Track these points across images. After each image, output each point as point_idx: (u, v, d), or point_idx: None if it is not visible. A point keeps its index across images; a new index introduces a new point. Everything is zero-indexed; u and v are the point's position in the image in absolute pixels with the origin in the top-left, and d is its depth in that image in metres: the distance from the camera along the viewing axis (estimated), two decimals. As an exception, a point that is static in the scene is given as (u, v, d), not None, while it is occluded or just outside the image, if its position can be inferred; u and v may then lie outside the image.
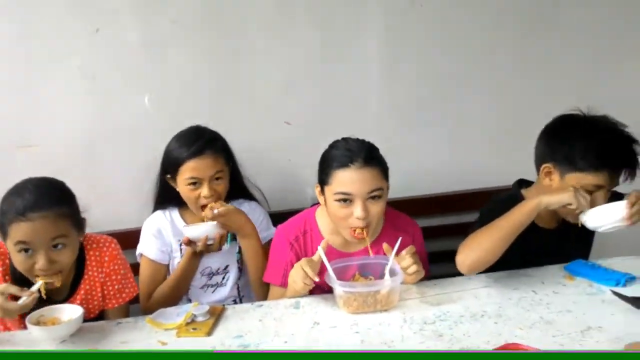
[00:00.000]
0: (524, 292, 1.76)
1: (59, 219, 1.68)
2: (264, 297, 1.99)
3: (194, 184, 2.01)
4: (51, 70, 2.26)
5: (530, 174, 1.98)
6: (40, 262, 1.65)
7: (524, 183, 2.00)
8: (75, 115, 2.31)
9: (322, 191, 1.87)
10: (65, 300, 1.80)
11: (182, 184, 2.02)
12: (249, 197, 2.23)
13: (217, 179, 2.03)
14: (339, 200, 1.79)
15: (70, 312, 1.68)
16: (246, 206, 2.17)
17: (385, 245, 1.81)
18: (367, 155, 1.79)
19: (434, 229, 2.48)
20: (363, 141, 1.85)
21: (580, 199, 1.71)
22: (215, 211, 1.95)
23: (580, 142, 1.79)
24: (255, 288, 2.08)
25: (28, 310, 1.63)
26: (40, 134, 2.27)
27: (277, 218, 2.21)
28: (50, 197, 1.69)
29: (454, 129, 2.55)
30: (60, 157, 2.23)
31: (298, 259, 1.84)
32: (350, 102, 2.48)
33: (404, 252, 1.76)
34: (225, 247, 2.11)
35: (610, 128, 1.81)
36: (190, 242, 1.99)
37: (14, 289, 1.60)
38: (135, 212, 2.28)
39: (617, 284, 1.74)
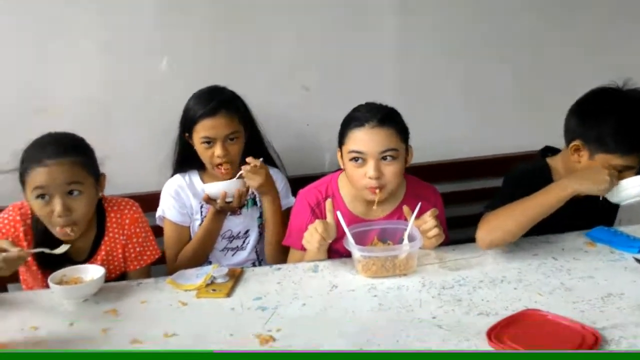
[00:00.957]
0: (544, 258, 1.74)
1: (75, 166, 1.71)
2: (276, 261, 2.01)
3: (207, 142, 2.01)
4: (68, 34, 2.25)
5: (552, 139, 1.94)
6: (57, 208, 1.67)
7: (549, 151, 1.96)
8: (91, 79, 2.31)
9: (341, 153, 1.88)
10: (85, 261, 1.82)
11: (197, 142, 2.04)
12: (271, 162, 2.22)
13: (231, 139, 2.02)
14: (352, 160, 1.81)
15: (92, 272, 1.71)
16: (271, 173, 2.17)
17: (405, 208, 1.81)
18: (384, 116, 1.80)
19: (453, 195, 2.47)
20: (385, 105, 1.85)
21: (613, 185, 1.69)
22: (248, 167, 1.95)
23: (612, 124, 1.74)
24: (268, 250, 2.09)
25: (17, 266, 1.62)
26: (57, 98, 2.28)
27: (294, 183, 2.22)
28: (67, 146, 1.73)
29: (473, 93, 2.52)
30: (77, 121, 2.20)
31: None
32: (369, 67, 2.45)
33: (426, 215, 1.75)
34: (246, 210, 2.12)
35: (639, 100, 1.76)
36: (209, 200, 1.99)
37: (6, 244, 1.57)
38: (153, 175, 2.29)
39: (639, 251, 1.71)
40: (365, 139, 1.78)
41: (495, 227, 1.74)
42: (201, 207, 2.13)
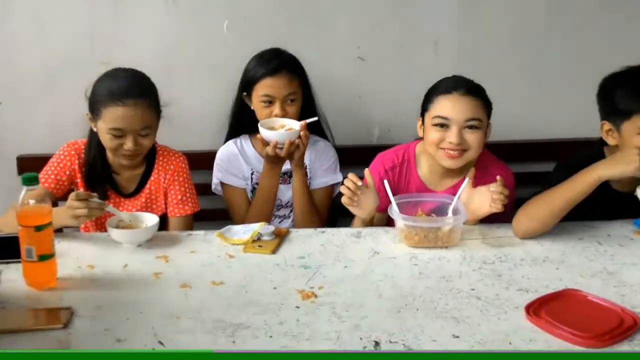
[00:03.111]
0: (589, 242, 1.74)
1: (148, 109, 1.86)
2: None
3: (267, 102, 2.06)
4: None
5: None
6: (129, 144, 1.84)
7: None
8: (155, 37, 2.39)
9: (423, 121, 1.92)
10: (131, 195, 1.98)
11: (256, 101, 2.09)
12: (322, 132, 2.26)
13: (290, 100, 2.07)
14: (436, 125, 1.85)
15: (147, 219, 1.80)
16: (321, 144, 2.21)
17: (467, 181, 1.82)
18: (471, 87, 1.87)
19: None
20: (472, 80, 1.90)
21: None
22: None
23: (620, 87, 1.74)
24: (299, 219, 2.12)
25: (95, 215, 1.74)
26: (122, 53, 2.35)
27: (340, 152, 2.24)
28: (143, 87, 1.88)
29: (535, 73, 2.49)
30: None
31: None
32: (427, 42, 2.45)
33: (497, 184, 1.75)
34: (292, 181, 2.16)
35: None
36: (263, 144, 2.01)
37: (85, 195, 1.70)
38: (206, 135, 2.37)
39: (687, 243, 1.69)
40: (452, 105, 1.84)
41: (528, 216, 1.75)
42: (252, 173, 2.19)
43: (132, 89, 1.84)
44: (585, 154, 1.89)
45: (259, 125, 2.01)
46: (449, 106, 1.84)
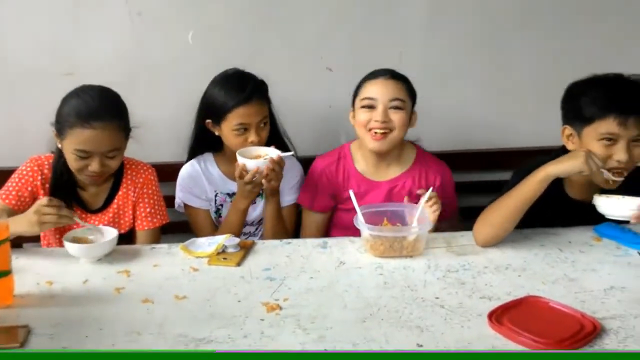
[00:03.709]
0: (550, 249, 1.77)
1: (117, 131, 1.81)
2: None
3: (241, 129, 2.01)
4: (98, 2, 2.31)
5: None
6: (94, 166, 1.80)
7: None
8: (119, 47, 2.36)
9: (353, 108, 2.05)
10: (98, 210, 1.94)
11: (227, 130, 2.03)
12: (286, 148, 2.24)
13: (263, 124, 2.05)
14: (364, 107, 1.98)
15: (105, 233, 1.76)
16: (289, 163, 2.18)
17: (420, 191, 1.90)
18: (396, 73, 2.01)
19: (470, 185, 2.49)
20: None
21: (592, 164, 1.67)
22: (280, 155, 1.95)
23: (585, 94, 1.78)
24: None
25: (63, 225, 1.71)
26: (84, 63, 2.33)
27: (308, 162, 2.24)
28: (112, 108, 1.83)
29: (498, 82, 2.53)
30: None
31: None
32: (393, 51, 2.46)
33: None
34: (260, 199, 2.15)
35: (618, 76, 1.78)
36: (242, 174, 1.94)
37: (56, 201, 1.66)
38: (170, 147, 2.34)
39: (645, 248, 1.73)
40: (378, 88, 1.99)
41: (485, 223, 1.78)
42: (215, 195, 2.17)
43: (100, 110, 1.78)
44: (544, 160, 1.93)
45: (237, 154, 1.94)
46: (375, 88, 1.98)
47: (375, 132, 1.97)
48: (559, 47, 2.50)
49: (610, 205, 1.74)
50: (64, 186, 1.90)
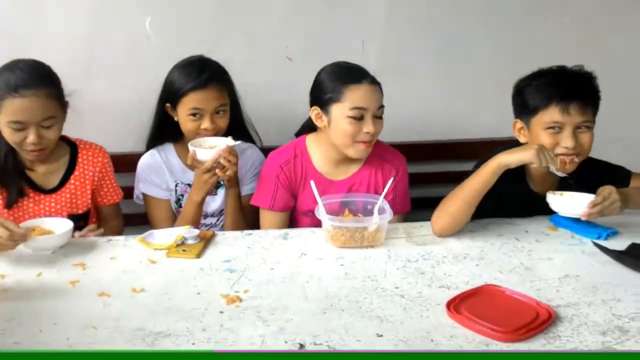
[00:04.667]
0: (508, 238, 1.80)
1: (49, 99, 1.80)
2: None
3: (195, 115, 1.99)
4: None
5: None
6: (31, 137, 1.78)
7: None
8: (76, 31, 2.30)
9: (326, 111, 1.89)
10: (54, 190, 1.93)
11: (183, 114, 2.01)
12: (248, 137, 2.22)
13: (219, 112, 2.01)
14: (353, 117, 1.85)
15: (60, 225, 1.72)
16: (249, 151, 2.17)
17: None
18: (369, 73, 1.90)
19: (427, 176, 2.51)
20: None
21: (542, 157, 1.70)
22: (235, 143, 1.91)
23: (529, 85, 1.83)
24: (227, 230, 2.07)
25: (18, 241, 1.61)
26: (41, 47, 2.25)
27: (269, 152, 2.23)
28: (40, 77, 1.81)
29: (455, 75, 2.55)
30: (59, 70, 2.22)
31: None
32: (353, 41, 2.46)
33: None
34: (220, 190, 2.13)
35: (560, 67, 1.83)
36: (194, 164, 1.92)
37: (11, 225, 1.59)
38: (127, 137, 2.30)
39: (598, 237, 1.77)
40: (367, 95, 1.86)
41: (443, 212, 1.79)
42: (176, 185, 2.14)
43: (29, 79, 1.77)
44: (503, 149, 1.96)
45: (189, 144, 1.91)
46: (364, 96, 1.85)
47: (363, 142, 1.88)
48: (518, 39, 2.54)
49: (562, 204, 1.80)
50: (9, 168, 1.86)
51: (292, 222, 2.07)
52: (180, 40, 2.30)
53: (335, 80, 1.89)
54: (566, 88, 1.77)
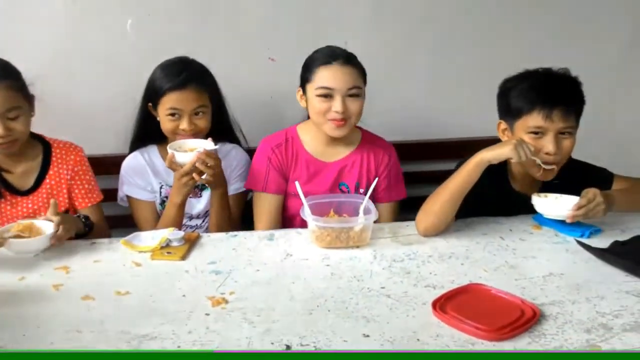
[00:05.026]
0: (492, 237, 1.80)
1: (10, 91, 1.81)
2: None
3: (173, 114, 1.99)
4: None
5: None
6: None
7: None
8: (54, 34, 2.28)
9: (304, 92, 1.98)
10: (29, 191, 1.92)
11: (162, 114, 2.01)
12: (234, 139, 2.22)
13: (198, 113, 2.01)
14: (320, 96, 1.92)
15: (43, 227, 1.70)
16: (233, 152, 2.17)
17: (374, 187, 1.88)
18: (348, 56, 1.96)
19: (411, 175, 2.51)
20: (345, 49, 2.00)
21: (521, 152, 1.71)
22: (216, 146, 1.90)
23: (514, 88, 1.84)
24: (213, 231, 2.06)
25: None
26: (18, 50, 2.21)
27: (252, 153, 2.22)
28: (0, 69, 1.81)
29: (443, 73, 2.56)
30: (37, 74, 2.20)
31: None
32: (334, 40, 2.45)
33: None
34: (206, 192, 2.12)
35: (546, 70, 1.84)
36: (172, 166, 1.89)
37: None
38: (110, 139, 2.28)
39: (581, 235, 1.79)
40: (334, 76, 1.91)
41: (427, 211, 1.80)
42: (161, 187, 2.13)
43: None
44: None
45: (168, 147, 1.89)
46: (332, 77, 1.91)
47: (335, 120, 1.93)
48: (502, 38, 2.56)
49: (547, 206, 1.81)
50: None
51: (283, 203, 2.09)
52: (161, 41, 2.28)
53: (311, 62, 1.98)
54: (550, 94, 1.78)
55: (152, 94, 2.03)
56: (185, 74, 1.98)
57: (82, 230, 1.82)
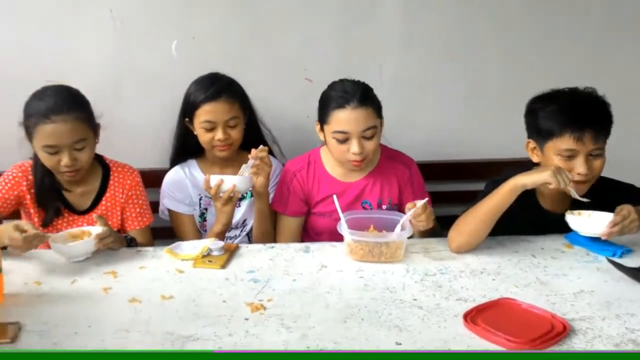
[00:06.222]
0: (524, 255, 1.84)
1: (78, 122, 1.87)
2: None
3: (208, 127, 2.09)
4: (83, 11, 2.36)
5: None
6: (65, 160, 1.85)
7: None
8: (104, 55, 2.41)
9: (322, 129, 2.04)
10: (86, 212, 1.99)
11: (198, 127, 2.11)
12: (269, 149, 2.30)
13: (232, 124, 2.10)
14: (336, 139, 1.97)
15: (93, 232, 1.79)
16: (274, 163, 2.25)
17: (408, 205, 1.89)
18: (362, 96, 1.98)
19: (445, 195, 2.56)
20: (358, 82, 2.03)
21: (560, 179, 1.74)
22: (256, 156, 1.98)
23: (543, 109, 1.86)
24: (256, 240, 2.17)
25: (34, 246, 1.69)
26: (69, 71, 2.34)
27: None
28: (69, 101, 1.89)
29: (472, 95, 2.61)
30: (87, 94, 2.32)
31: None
32: (369, 62, 2.54)
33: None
34: (245, 202, 2.21)
35: (573, 91, 1.86)
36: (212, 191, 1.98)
37: (29, 227, 1.67)
38: (154, 153, 2.39)
39: (613, 255, 1.81)
40: (348, 119, 1.96)
41: (459, 231, 1.85)
42: (200, 198, 2.22)
43: (58, 104, 1.85)
44: (510, 172, 2.00)
45: (211, 175, 1.98)
46: (346, 121, 1.96)
47: (353, 161, 1.99)
48: (532, 60, 2.60)
49: (581, 223, 1.84)
50: (47, 189, 1.95)
51: (310, 223, 2.17)
52: (203, 61, 2.38)
53: (326, 101, 2.02)
54: (580, 117, 1.80)
55: (188, 109, 2.14)
56: (216, 86, 2.10)
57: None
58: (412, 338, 1.40)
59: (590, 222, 1.83)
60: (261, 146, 2.02)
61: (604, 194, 1.88)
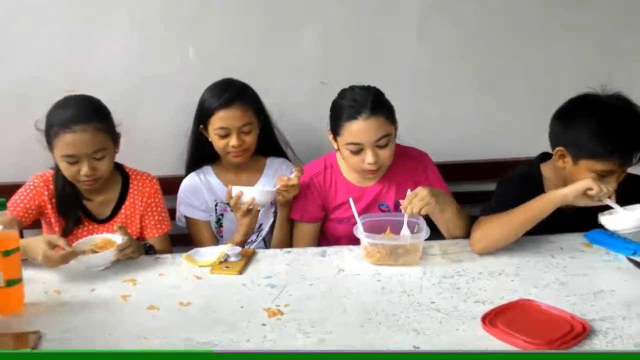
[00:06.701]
0: (543, 255, 1.82)
1: (98, 132, 1.89)
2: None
3: (223, 133, 2.09)
4: (100, 19, 2.37)
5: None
6: (84, 169, 1.87)
7: (546, 156, 2.02)
8: (121, 63, 2.42)
9: (335, 138, 2.03)
10: (106, 220, 2.00)
11: (212, 134, 2.12)
12: (282, 154, 2.32)
13: (246, 130, 2.11)
14: (350, 150, 1.96)
15: (117, 242, 1.80)
16: (284, 167, 2.26)
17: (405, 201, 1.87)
18: (373, 104, 1.94)
19: (458, 195, 2.54)
20: (369, 88, 2.00)
21: (602, 187, 1.74)
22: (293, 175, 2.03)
23: (589, 129, 1.80)
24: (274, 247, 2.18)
25: (67, 261, 1.70)
26: (87, 79, 2.37)
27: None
28: (89, 111, 1.91)
29: (488, 95, 2.58)
30: (105, 101, 2.35)
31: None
32: (385, 65, 2.53)
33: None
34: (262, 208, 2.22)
35: (619, 110, 1.81)
36: (232, 202, 2.01)
37: (62, 242, 1.70)
38: (171, 160, 2.40)
39: (634, 253, 1.79)
40: (361, 130, 1.93)
41: (488, 234, 1.83)
42: (216, 204, 2.23)
43: (77, 114, 1.87)
44: (522, 171, 2.02)
45: (232, 187, 2.02)
46: (358, 132, 1.93)
47: (369, 171, 1.99)
48: (551, 58, 2.57)
49: (616, 221, 1.79)
50: (68, 199, 1.97)
51: (328, 229, 2.16)
52: (220, 67, 2.40)
53: (337, 114, 1.99)
54: (628, 144, 1.78)
55: (202, 116, 2.14)
56: (229, 92, 2.10)
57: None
58: (430, 341, 1.39)
59: (624, 218, 1.78)
60: (295, 174, 2.02)
61: (627, 189, 1.86)
